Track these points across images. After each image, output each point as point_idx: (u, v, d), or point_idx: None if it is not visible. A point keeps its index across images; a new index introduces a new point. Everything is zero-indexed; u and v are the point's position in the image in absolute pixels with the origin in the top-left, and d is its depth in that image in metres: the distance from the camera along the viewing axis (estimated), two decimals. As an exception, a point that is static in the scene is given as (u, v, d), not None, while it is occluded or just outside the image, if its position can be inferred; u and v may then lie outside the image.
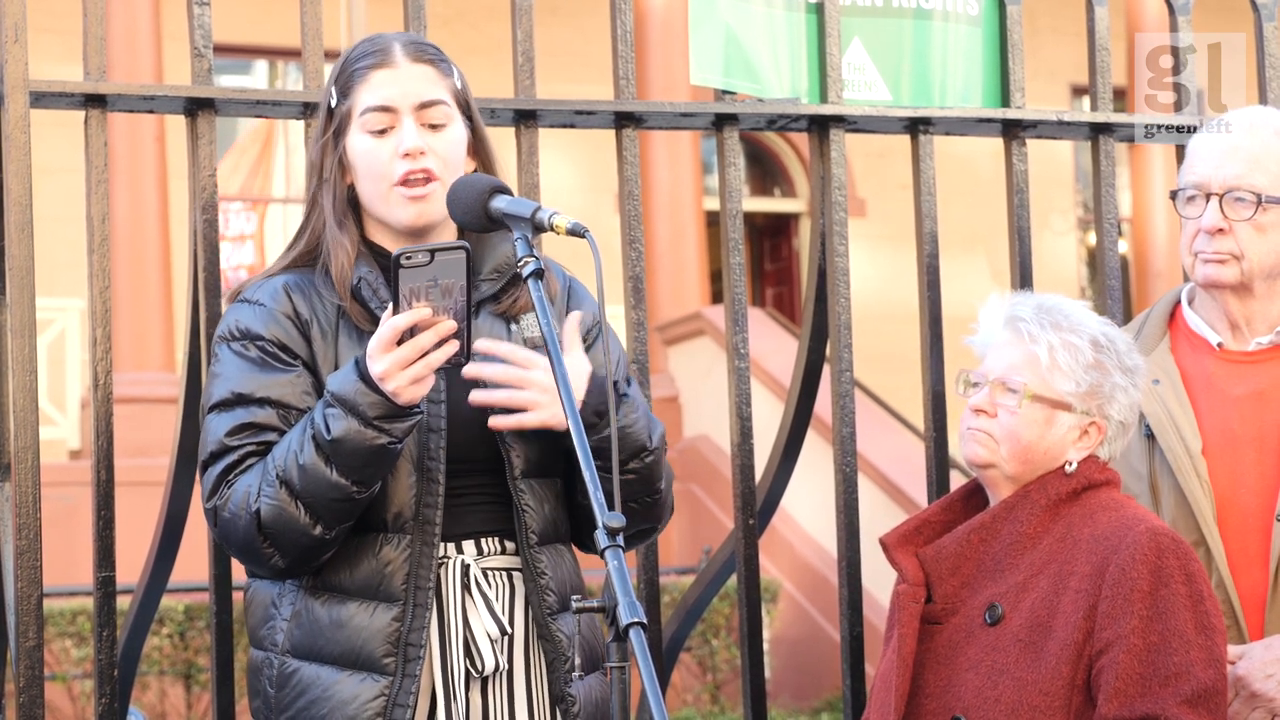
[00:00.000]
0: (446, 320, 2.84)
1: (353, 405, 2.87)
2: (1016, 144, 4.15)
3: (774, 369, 13.07)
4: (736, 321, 3.92)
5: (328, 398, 2.91)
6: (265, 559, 2.96)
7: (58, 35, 10.06)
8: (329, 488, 2.89)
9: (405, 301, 2.82)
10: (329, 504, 2.90)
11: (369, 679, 2.95)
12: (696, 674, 12.65)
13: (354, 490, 2.91)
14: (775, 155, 18.34)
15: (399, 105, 3.06)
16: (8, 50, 3.41)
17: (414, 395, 2.88)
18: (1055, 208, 18.41)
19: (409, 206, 3.06)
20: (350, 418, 2.87)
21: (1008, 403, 3.26)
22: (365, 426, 2.87)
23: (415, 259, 2.81)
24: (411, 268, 2.81)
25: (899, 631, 3.26)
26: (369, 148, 3.06)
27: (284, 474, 2.91)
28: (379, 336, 2.85)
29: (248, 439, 2.98)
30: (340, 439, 2.87)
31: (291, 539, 2.93)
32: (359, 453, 2.88)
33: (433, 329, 2.84)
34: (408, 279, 2.81)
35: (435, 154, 3.06)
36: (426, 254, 2.81)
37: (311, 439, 2.89)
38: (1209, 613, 3.13)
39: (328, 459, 2.88)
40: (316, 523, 2.91)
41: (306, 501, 2.90)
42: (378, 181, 3.06)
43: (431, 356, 2.85)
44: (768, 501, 4.01)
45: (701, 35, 3.90)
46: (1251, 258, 3.51)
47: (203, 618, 11.37)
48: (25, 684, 3.35)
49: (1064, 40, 16.94)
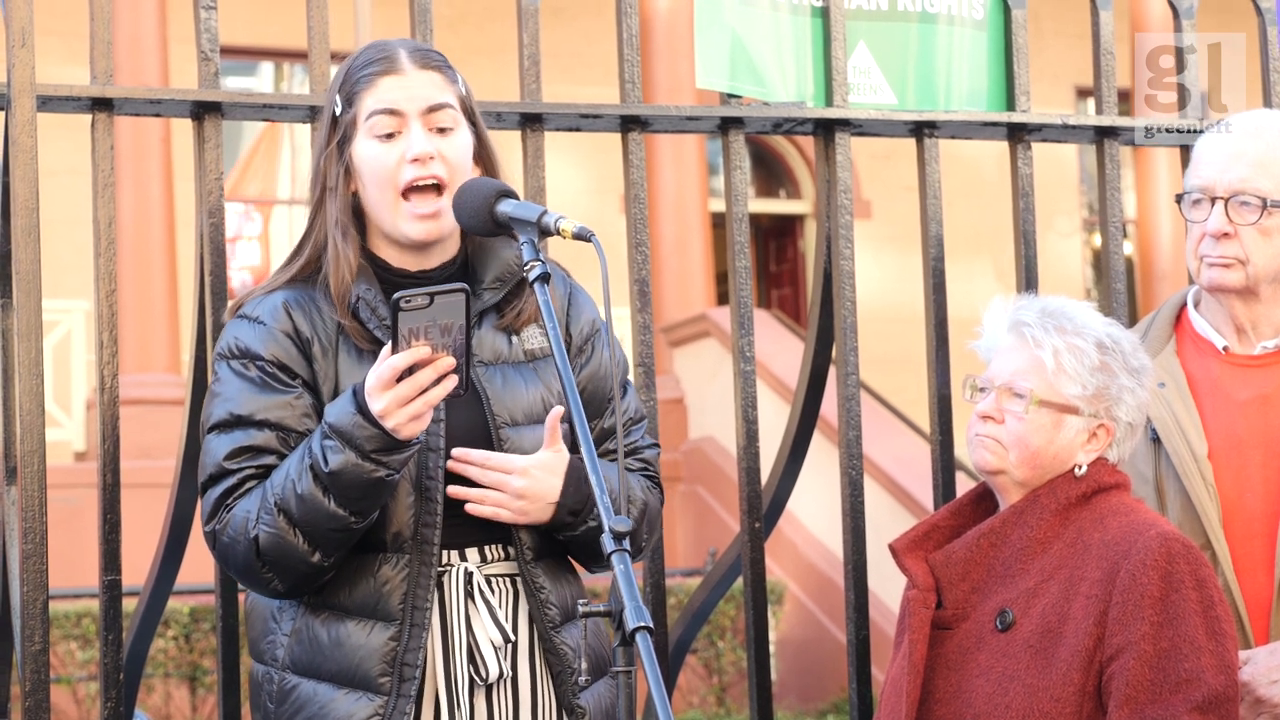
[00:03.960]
0: (445, 357, 2.84)
1: (350, 438, 2.87)
2: (1021, 147, 4.16)
3: (779, 370, 13.07)
4: (742, 325, 3.92)
5: (325, 428, 2.91)
6: (264, 583, 2.98)
7: (63, 38, 10.07)
8: (327, 518, 2.90)
9: (404, 341, 2.82)
10: (327, 533, 2.92)
11: (364, 698, 2.96)
12: (702, 676, 12.64)
13: (352, 521, 2.92)
14: (780, 157, 18.34)
15: (406, 109, 3.04)
16: (15, 54, 3.40)
17: (413, 431, 2.88)
18: (1060, 210, 18.40)
19: (418, 225, 3.04)
20: (348, 450, 2.87)
21: (1015, 408, 3.26)
22: (363, 460, 2.87)
23: (415, 302, 2.80)
24: (411, 310, 2.80)
25: (909, 637, 3.25)
26: (376, 153, 3.04)
27: (282, 502, 2.91)
28: (378, 375, 2.85)
29: (246, 462, 2.98)
30: (338, 471, 2.88)
31: (290, 566, 2.94)
32: (357, 484, 2.89)
33: (431, 367, 2.84)
34: (407, 320, 2.81)
35: (443, 159, 3.04)
36: (426, 297, 2.81)
37: (310, 469, 2.90)
38: (1220, 618, 3.13)
39: (325, 490, 2.89)
40: (315, 550, 2.93)
41: (305, 530, 2.91)
42: (384, 188, 3.05)
43: (430, 394, 2.85)
44: (774, 504, 4.01)
45: (707, 39, 3.90)
46: (1257, 262, 3.50)
47: (208, 620, 11.36)
48: (32, 688, 3.35)
49: (1068, 42, 16.94)
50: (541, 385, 3.09)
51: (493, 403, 3.04)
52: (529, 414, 3.07)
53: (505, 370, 3.09)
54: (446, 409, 3.00)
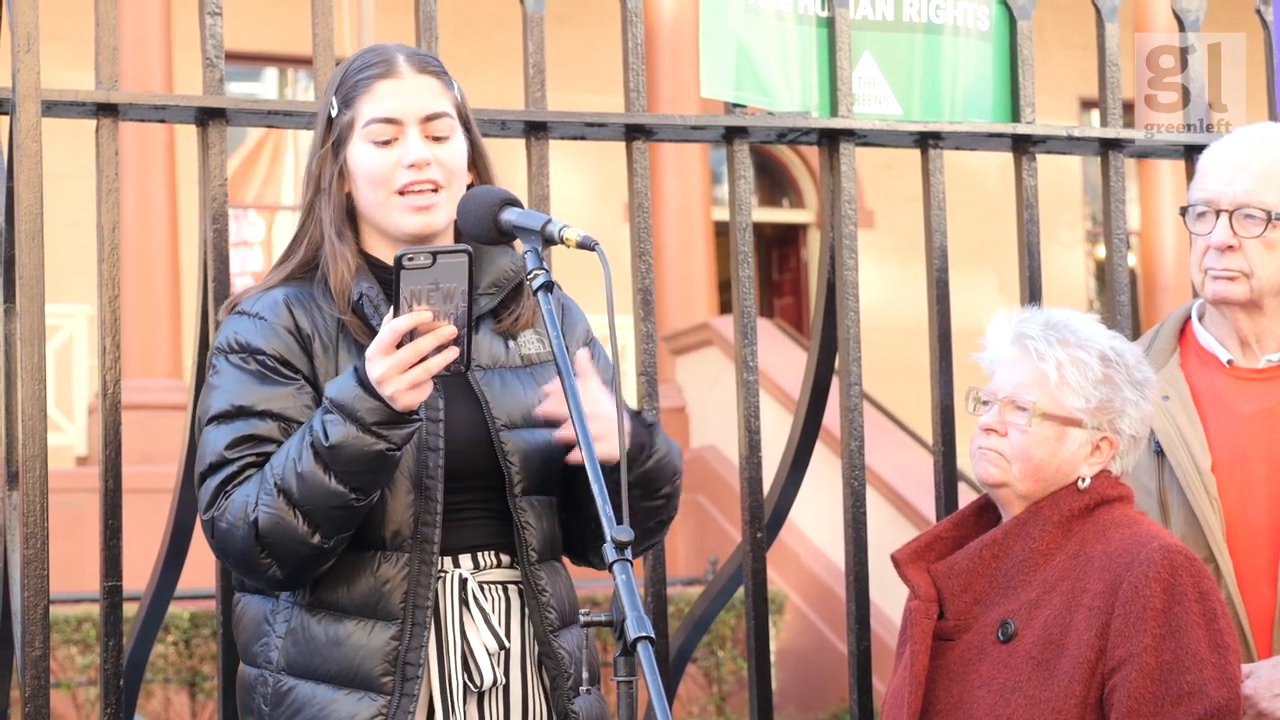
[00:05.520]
0: (446, 325, 2.83)
1: (351, 411, 2.86)
2: (1026, 159, 4.15)
3: (782, 380, 13.07)
4: (746, 334, 3.92)
5: (326, 404, 2.90)
6: (263, 570, 2.95)
7: (68, 43, 10.06)
8: (328, 495, 2.88)
9: (406, 304, 2.81)
10: (327, 512, 2.89)
11: (366, 698, 2.95)
12: (702, 685, 12.64)
13: (353, 498, 2.89)
14: (784, 166, 18.35)
15: (404, 117, 3.05)
16: (20, 59, 3.40)
17: (411, 400, 2.86)
18: (1063, 221, 18.41)
19: (413, 216, 3.05)
20: (349, 423, 2.86)
21: (1018, 421, 3.26)
22: (364, 432, 2.86)
23: (417, 260, 2.80)
24: (413, 269, 2.80)
25: (911, 648, 3.25)
26: (372, 157, 3.05)
27: (282, 482, 2.90)
28: (378, 339, 2.84)
29: (247, 450, 2.97)
30: (339, 445, 2.86)
31: (290, 549, 2.91)
32: (357, 459, 2.87)
33: (432, 334, 2.83)
34: (409, 280, 2.80)
35: (440, 165, 3.05)
36: (429, 256, 2.80)
37: (310, 446, 2.88)
38: (1222, 631, 3.12)
39: (326, 466, 2.87)
40: (315, 532, 2.90)
41: (305, 510, 2.89)
42: (378, 189, 3.05)
43: (430, 362, 2.84)
44: (776, 514, 4.01)
45: (712, 48, 3.90)
46: (1261, 275, 3.50)
47: (208, 625, 11.36)
48: (32, 693, 3.34)
49: (1072, 53, 16.94)
50: (539, 390, 3.10)
51: (492, 405, 3.05)
52: (528, 417, 3.07)
53: (504, 374, 3.09)
54: (446, 410, 3.00)
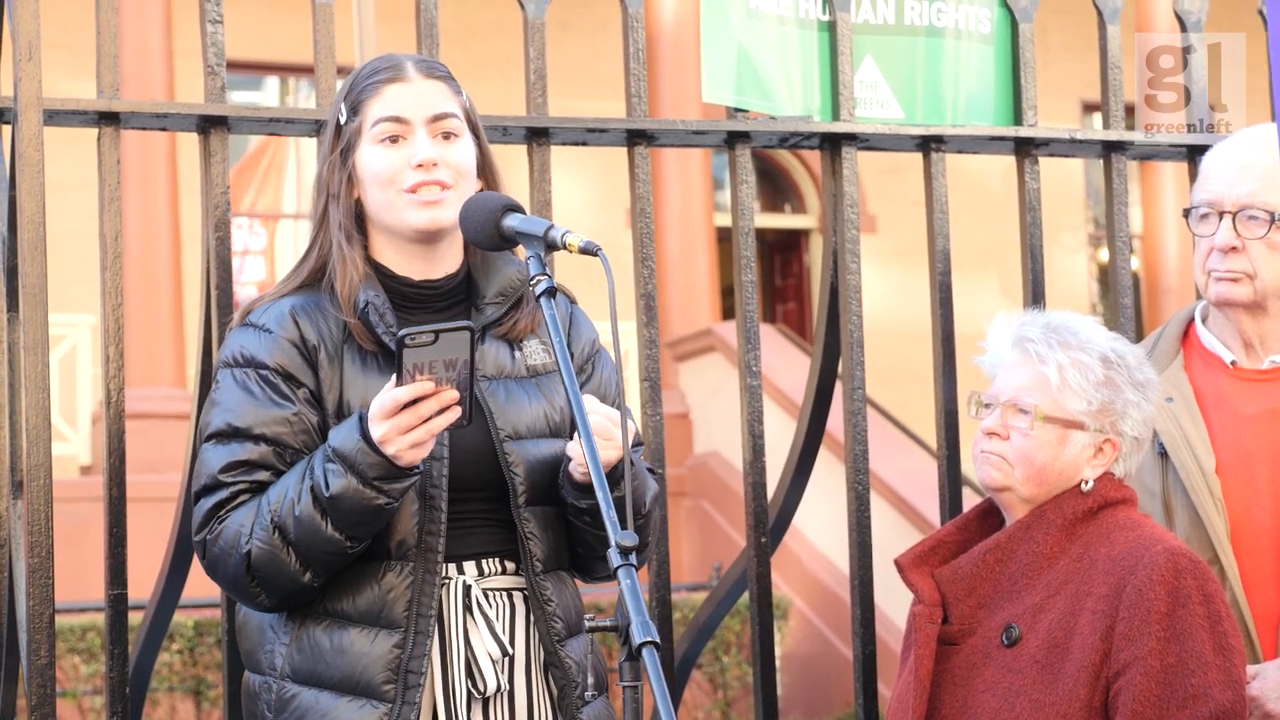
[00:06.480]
0: (449, 390, 2.86)
1: (353, 463, 2.89)
2: (1029, 162, 4.15)
3: (784, 385, 13.05)
4: (749, 339, 3.91)
5: (328, 452, 2.92)
6: (252, 596, 2.99)
7: (69, 51, 10.07)
8: (323, 541, 2.92)
9: (409, 375, 2.84)
10: (320, 555, 2.93)
11: (368, 705, 2.96)
12: (707, 691, 12.63)
13: (347, 545, 2.93)
14: (786, 171, 18.34)
15: (412, 117, 3.05)
16: (21, 68, 3.40)
17: (414, 458, 2.90)
18: (1066, 224, 18.40)
19: (421, 211, 3.05)
20: (350, 476, 2.89)
21: (1020, 424, 3.25)
22: (364, 486, 2.89)
23: (420, 339, 2.82)
24: (416, 347, 2.82)
25: (916, 652, 3.25)
26: (380, 157, 3.05)
27: (279, 520, 2.93)
28: (379, 404, 2.87)
29: (240, 476, 2.99)
30: (338, 496, 2.89)
31: (280, 583, 2.96)
32: (356, 510, 2.90)
33: (435, 399, 2.86)
34: (411, 356, 2.83)
35: (447, 165, 3.06)
36: (431, 335, 2.83)
37: (309, 490, 2.91)
38: (1227, 634, 3.12)
39: (324, 513, 2.91)
40: (306, 570, 2.94)
41: (299, 550, 2.93)
42: (386, 188, 3.06)
43: (433, 423, 2.87)
44: (780, 519, 4.01)
45: (714, 53, 3.90)
46: (1264, 276, 3.50)
47: (212, 634, 11.35)
48: (37, 701, 3.35)
49: (1074, 56, 16.93)
50: (544, 400, 3.10)
51: (496, 417, 3.05)
52: (532, 428, 3.07)
53: (508, 385, 3.09)
54: None
